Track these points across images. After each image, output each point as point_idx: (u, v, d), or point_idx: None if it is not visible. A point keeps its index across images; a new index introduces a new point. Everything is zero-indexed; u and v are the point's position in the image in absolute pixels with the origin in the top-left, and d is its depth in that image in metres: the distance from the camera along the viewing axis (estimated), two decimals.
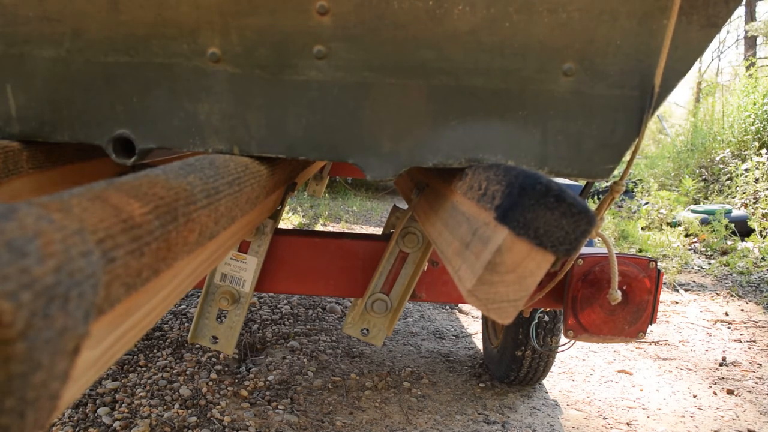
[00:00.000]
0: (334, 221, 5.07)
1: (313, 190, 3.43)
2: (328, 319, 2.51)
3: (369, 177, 0.74)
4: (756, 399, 2.07)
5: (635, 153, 0.74)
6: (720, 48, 15.46)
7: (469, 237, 0.50)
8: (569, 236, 0.41)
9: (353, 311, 1.19)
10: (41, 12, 0.67)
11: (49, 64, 0.70)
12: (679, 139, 7.69)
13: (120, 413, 1.61)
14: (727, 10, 0.68)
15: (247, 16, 0.67)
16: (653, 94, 0.69)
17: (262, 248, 1.13)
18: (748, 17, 12.39)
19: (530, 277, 0.43)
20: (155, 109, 0.72)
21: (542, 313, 1.70)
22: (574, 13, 0.66)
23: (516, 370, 1.87)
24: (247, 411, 1.68)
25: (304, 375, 1.95)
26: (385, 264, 1.15)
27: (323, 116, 0.72)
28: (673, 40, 0.67)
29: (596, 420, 1.84)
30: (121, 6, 0.67)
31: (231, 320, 1.16)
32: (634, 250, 4.32)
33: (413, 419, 1.74)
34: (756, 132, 6.01)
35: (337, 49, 0.69)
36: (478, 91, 0.70)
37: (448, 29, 0.67)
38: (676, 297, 3.33)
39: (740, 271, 3.82)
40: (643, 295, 1.14)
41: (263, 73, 0.70)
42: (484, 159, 0.72)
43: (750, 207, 5.10)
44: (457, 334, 2.48)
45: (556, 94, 0.70)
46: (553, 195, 0.41)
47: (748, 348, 2.59)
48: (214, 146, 0.74)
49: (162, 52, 0.70)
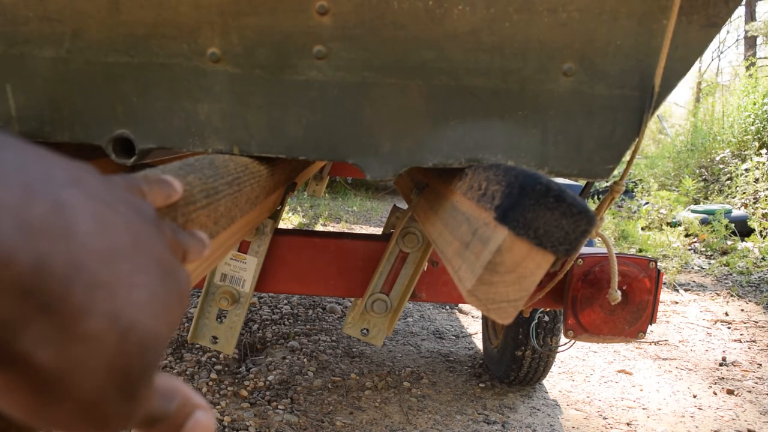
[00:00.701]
0: (334, 221, 5.07)
1: (313, 190, 3.42)
2: (328, 319, 2.51)
3: (369, 177, 0.74)
4: (756, 399, 2.07)
5: (635, 153, 0.74)
6: (720, 48, 15.46)
7: (468, 237, 0.50)
8: (569, 236, 0.41)
9: (353, 311, 1.19)
10: (41, 12, 0.67)
11: (49, 64, 0.70)
12: (679, 139, 7.69)
13: None
14: (727, 10, 0.68)
15: (247, 16, 0.67)
16: (653, 94, 0.69)
17: (262, 248, 1.13)
18: (748, 17, 12.39)
19: (530, 277, 0.43)
20: (155, 109, 0.72)
21: (542, 313, 1.70)
22: (574, 13, 0.66)
23: (516, 370, 1.87)
24: (247, 411, 1.68)
25: (304, 375, 1.95)
26: (385, 264, 1.15)
27: (323, 116, 0.72)
28: (673, 40, 0.67)
29: (596, 420, 1.84)
30: (121, 6, 0.67)
31: (231, 320, 1.16)
32: (634, 250, 4.32)
33: (413, 419, 1.74)
34: (756, 132, 6.01)
35: (337, 49, 0.69)
36: (478, 91, 0.70)
37: (448, 29, 0.67)
38: (676, 297, 3.33)
39: (740, 271, 3.82)
40: (643, 295, 1.14)
41: (263, 73, 0.70)
42: (484, 159, 0.72)
43: (750, 207, 5.10)
44: (457, 334, 2.48)
45: (556, 94, 0.70)
46: (553, 195, 0.41)
47: (748, 348, 2.59)
48: (214, 146, 0.74)
49: (162, 52, 0.70)
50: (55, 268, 0.19)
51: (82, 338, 0.20)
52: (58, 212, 0.20)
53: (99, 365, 0.21)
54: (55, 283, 0.19)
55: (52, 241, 0.19)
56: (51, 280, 0.19)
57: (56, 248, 0.20)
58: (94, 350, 0.21)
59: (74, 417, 0.21)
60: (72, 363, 0.20)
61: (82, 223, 0.21)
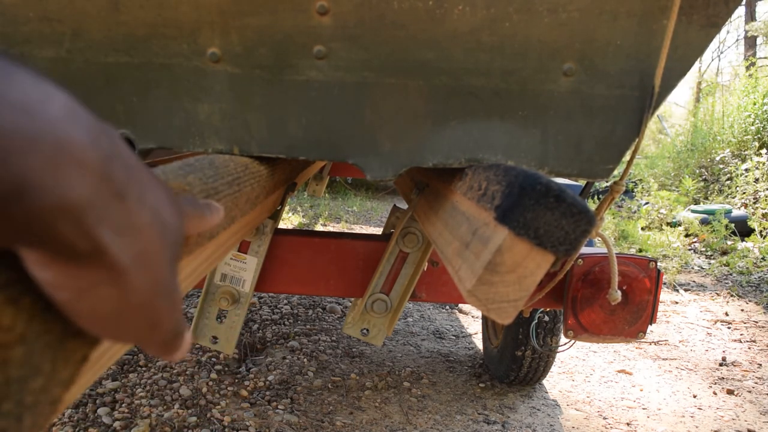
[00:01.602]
0: (334, 221, 5.07)
1: (313, 190, 3.42)
2: (328, 319, 2.51)
3: (369, 177, 0.74)
4: (756, 399, 2.07)
5: (635, 153, 0.74)
6: (720, 48, 15.46)
7: (468, 237, 0.50)
8: (569, 236, 0.41)
9: (353, 311, 1.19)
10: (41, 12, 0.67)
11: (49, 64, 0.70)
12: (679, 139, 7.69)
13: (120, 413, 1.61)
14: (727, 10, 0.68)
15: (247, 16, 0.67)
16: (653, 94, 0.69)
17: (262, 248, 1.13)
18: (748, 17, 12.39)
19: (530, 277, 0.43)
20: (155, 109, 0.72)
21: (542, 313, 1.70)
22: (574, 13, 0.66)
23: (516, 370, 1.87)
24: (247, 411, 1.68)
25: (304, 375, 1.95)
26: (385, 264, 1.15)
27: (323, 116, 0.72)
28: (673, 40, 0.67)
29: (596, 420, 1.84)
30: (121, 6, 0.67)
31: (231, 320, 1.16)
32: (634, 250, 4.32)
33: (413, 419, 1.74)
34: (756, 132, 6.01)
35: (337, 49, 0.69)
36: (478, 91, 0.70)
37: (448, 29, 0.67)
38: (676, 297, 3.33)
39: (740, 271, 3.82)
40: (643, 295, 1.14)
41: (263, 73, 0.70)
42: (484, 159, 0.72)
43: (750, 207, 5.10)
44: (457, 334, 2.48)
45: (556, 94, 0.70)
46: (553, 195, 0.41)
47: (748, 348, 2.59)
48: (214, 146, 0.74)
49: (162, 52, 0.70)
50: (123, 160, 0.23)
51: (141, 228, 0.23)
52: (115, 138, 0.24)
53: (154, 259, 0.24)
54: (122, 173, 0.22)
55: (116, 141, 0.23)
56: (120, 170, 0.22)
57: (120, 146, 0.23)
58: (149, 241, 0.24)
59: (137, 317, 0.25)
60: (137, 254, 0.23)
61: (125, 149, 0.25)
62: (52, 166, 0.19)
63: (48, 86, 0.21)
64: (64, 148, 0.19)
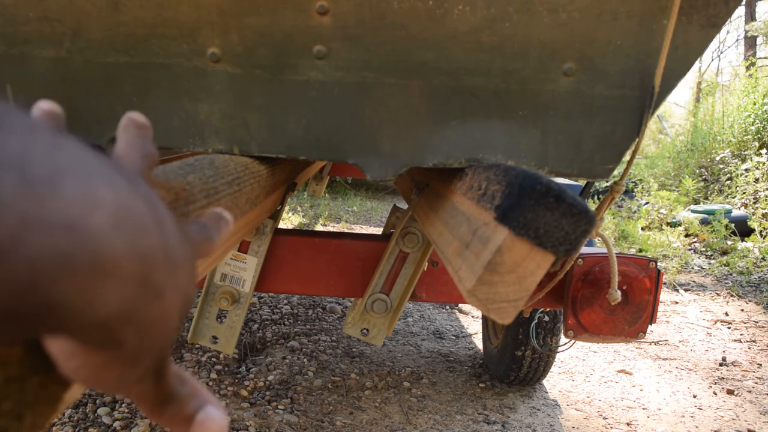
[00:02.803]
0: (334, 221, 5.07)
1: (313, 190, 3.43)
2: (328, 319, 2.51)
3: (369, 177, 0.74)
4: (756, 399, 2.07)
5: (635, 153, 0.74)
6: (720, 48, 15.47)
7: (469, 237, 0.50)
8: (569, 236, 0.41)
9: (353, 311, 1.19)
10: (41, 12, 0.67)
11: (49, 64, 0.70)
12: (679, 139, 7.69)
13: (120, 413, 1.61)
14: (727, 10, 0.68)
15: (247, 16, 0.67)
16: (653, 94, 0.69)
17: (262, 248, 1.13)
18: (748, 17, 12.39)
19: (530, 277, 0.43)
20: (155, 109, 0.72)
21: (542, 313, 1.70)
22: (574, 13, 0.66)
23: (516, 370, 1.87)
24: (247, 411, 1.68)
25: (304, 375, 1.95)
26: (385, 264, 1.15)
27: (323, 116, 0.72)
28: (673, 40, 0.67)
29: (596, 420, 1.84)
30: (121, 6, 0.67)
31: (231, 320, 1.16)
32: (634, 250, 4.32)
33: (413, 419, 1.74)
34: (756, 132, 6.01)
35: (337, 49, 0.69)
36: (478, 91, 0.70)
37: (448, 29, 0.67)
38: (676, 297, 3.33)
39: (740, 271, 3.82)
40: (643, 295, 1.14)
41: (263, 73, 0.70)
42: (484, 159, 0.72)
43: (750, 207, 5.10)
44: (457, 334, 2.48)
45: (556, 94, 0.70)
46: (553, 195, 0.41)
47: (748, 348, 2.59)
48: (214, 146, 0.74)
49: (162, 52, 0.70)
50: (164, 248, 0.21)
51: (169, 317, 0.22)
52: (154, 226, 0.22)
53: (168, 332, 0.23)
54: (162, 268, 0.21)
55: (152, 236, 0.21)
56: (160, 266, 0.21)
57: (155, 239, 0.21)
58: (172, 320, 0.23)
59: (125, 374, 0.23)
60: (155, 336, 0.22)
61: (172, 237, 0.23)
62: (85, 287, 0.17)
63: (99, 184, 0.18)
64: (100, 265, 0.17)
